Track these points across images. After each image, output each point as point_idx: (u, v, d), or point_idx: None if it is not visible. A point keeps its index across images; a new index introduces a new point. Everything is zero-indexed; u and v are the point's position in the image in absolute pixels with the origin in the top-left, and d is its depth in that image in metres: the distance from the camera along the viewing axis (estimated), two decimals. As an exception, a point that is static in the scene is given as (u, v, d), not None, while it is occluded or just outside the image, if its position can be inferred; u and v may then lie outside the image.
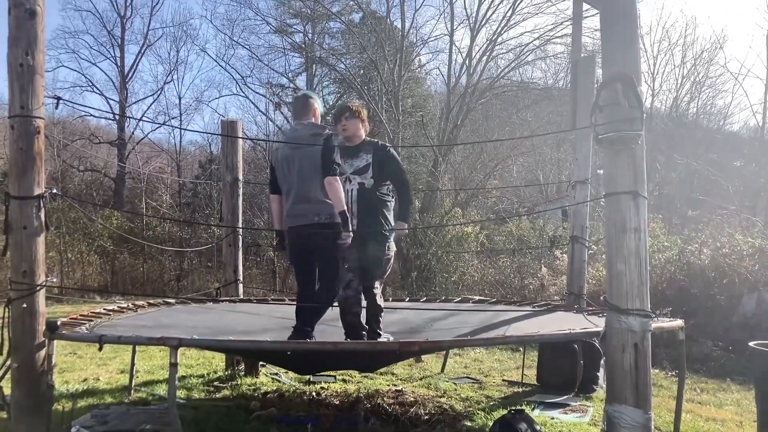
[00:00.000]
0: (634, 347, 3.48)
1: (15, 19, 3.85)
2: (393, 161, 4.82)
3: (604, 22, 3.86)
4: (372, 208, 4.64)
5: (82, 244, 17.65)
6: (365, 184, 4.66)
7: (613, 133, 3.54)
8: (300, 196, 4.42)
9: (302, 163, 4.41)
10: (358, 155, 4.74)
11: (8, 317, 3.95)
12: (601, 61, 3.91)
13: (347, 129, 4.76)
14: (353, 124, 4.77)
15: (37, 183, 3.95)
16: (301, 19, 25.74)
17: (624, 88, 3.57)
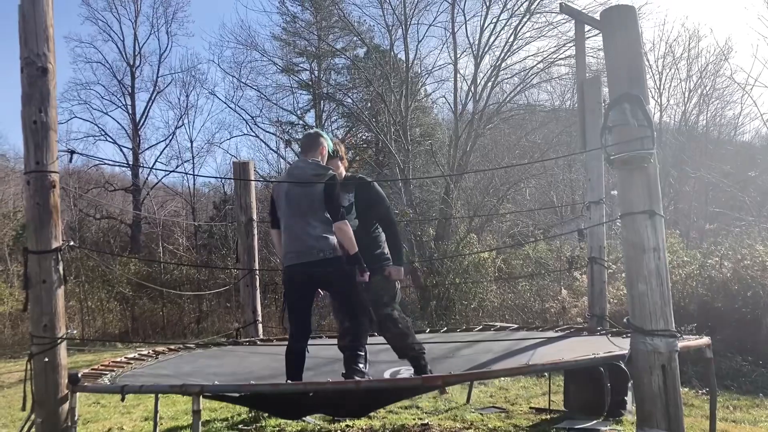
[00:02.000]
0: (662, 369, 3.42)
1: (27, 77, 3.93)
2: (374, 195, 4.67)
3: (607, 43, 3.88)
4: (362, 247, 4.34)
5: (101, 291, 17.75)
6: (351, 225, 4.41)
7: (625, 153, 3.54)
8: (299, 233, 4.27)
9: (300, 200, 4.31)
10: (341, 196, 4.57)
11: (31, 371, 3.95)
12: (607, 82, 3.92)
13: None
14: (332, 163, 4.62)
15: (54, 236, 3.99)
16: (306, 57, 26.09)
17: (632, 108, 3.57)
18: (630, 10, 3.90)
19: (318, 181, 4.28)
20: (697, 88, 19.07)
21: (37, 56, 3.93)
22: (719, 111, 20.04)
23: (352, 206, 4.59)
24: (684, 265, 10.18)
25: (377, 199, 4.66)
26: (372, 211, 4.61)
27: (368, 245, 4.50)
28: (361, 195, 4.61)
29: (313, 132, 4.77)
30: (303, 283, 4.32)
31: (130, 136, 27.23)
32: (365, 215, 4.60)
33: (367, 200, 4.60)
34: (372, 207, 4.61)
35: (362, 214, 4.59)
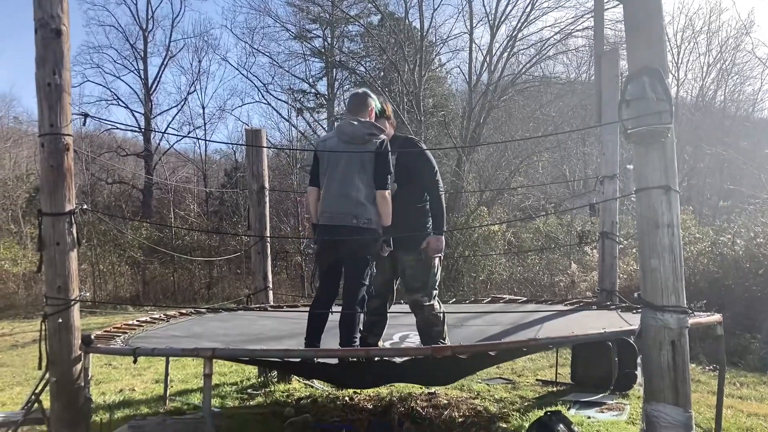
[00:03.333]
0: (671, 344, 3.41)
1: (42, 39, 3.91)
2: (422, 162, 4.42)
3: (628, 13, 3.80)
4: (400, 215, 4.24)
5: (113, 255, 17.92)
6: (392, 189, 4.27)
7: (642, 127, 3.48)
8: (340, 193, 4.15)
9: (350, 160, 4.15)
10: None
11: (45, 332, 4.01)
12: (626, 54, 3.85)
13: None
14: (379, 123, 4.44)
15: (67, 199, 4.01)
16: (320, 24, 25.84)
17: (651, 81, 3.50)
18: (652, -19, 3.81)
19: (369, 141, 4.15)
20: (716, 62, 18.82)
21: (51, 18, 3.91)
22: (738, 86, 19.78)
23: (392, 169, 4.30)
24: (696, 242, 10.13)
25: (424, 165, 4.40)
26: (417, 176, 4.38)
27: (410, 211, 4.35)
28: (409, 159, 4.36)
29: (361, 92, 4.52)
30: (334, 246, 4.19)
31: (142, 101, 27.24)
32: (408, 179, 4.35)
33: (410, 163, 4.35)
34: (418, 172, 4.37)
35: (402, 177, 4.32)
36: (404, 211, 4.28)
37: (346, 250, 4.17)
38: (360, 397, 5.76)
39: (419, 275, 4.36)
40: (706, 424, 4.73)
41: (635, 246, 9.72)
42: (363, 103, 4.39)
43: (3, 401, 6.02)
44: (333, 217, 4.17)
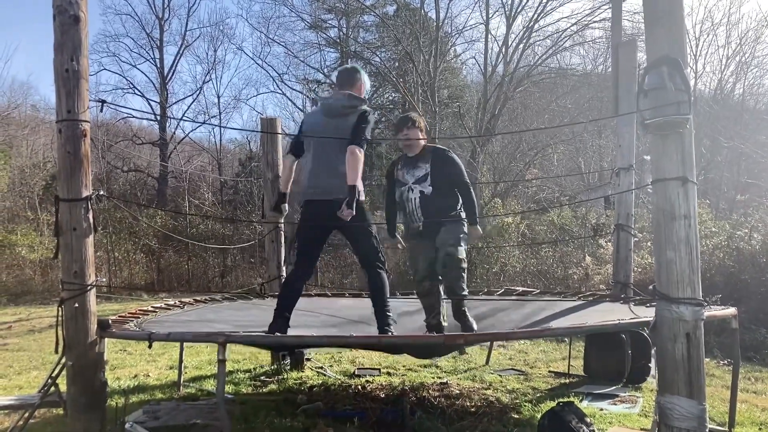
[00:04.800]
0: (686, 337, 3.39)
1: (60, 25, 3.93)
2: (451, 165, 4.92)
3: (648, 3, 3.76)
4: (434, 213, 4.78)
5: (128, 243, 18.08)
6: (425, 192, 4.83)
7: (660, 117, 3.44)
8: (326, 169, 4.26)
9: (331, 134, 4.24)
10: (418, 165, 4.91)
11: (62, 317, 4.05)
12: (645, 44, 3.81)
13: (409, 137, 4.90)
14: (414, 134, 4.89)
15: (84, 185, 4.04)
16: (335, 14, 25.79)
17: (670, 71, 3.47)
18: (673, -30, 3.76)
19: (348, 112, 4.25)
20: (735, 55, 18.56)
21: (69, 4, 3.92)
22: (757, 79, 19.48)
23: (427, 175, 4.83)
24: (712, 236, 10.04)
25: (454, 170, 4.91)
26: (448, 179, 4.86)
27: (443, 208, 4.83)
28: (437, 165, 4.85)
29: (350, 66, 4.66)
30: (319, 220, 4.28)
31: (158, 90, 27.38)
32: (440, 182, 4.83)
33: (443, 170, 4.85)
34: (449, 176, 4.86)
35: (436, 181, 4.82)
36: (441, 207, 4.82)
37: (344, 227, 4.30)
38: (372, 386, 5.79)
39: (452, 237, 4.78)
40: (720, 417, 4.70)
41: (650, 239, 9.65)
42: (351, 78, 4.51)
43: (20, 385, 6.10)
44: (320, 192, 4.26)
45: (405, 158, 4.99)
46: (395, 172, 5.06)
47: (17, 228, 17.29)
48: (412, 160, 4.94)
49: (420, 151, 4.93)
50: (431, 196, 4.82)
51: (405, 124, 4.93)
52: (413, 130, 4.90)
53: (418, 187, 4.86)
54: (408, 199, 4.88)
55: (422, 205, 4.84)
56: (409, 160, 4.95)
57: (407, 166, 4.95)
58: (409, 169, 4.93)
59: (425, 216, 4.82)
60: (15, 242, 16.54)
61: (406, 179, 4.92)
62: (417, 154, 4.93)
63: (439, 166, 4.86)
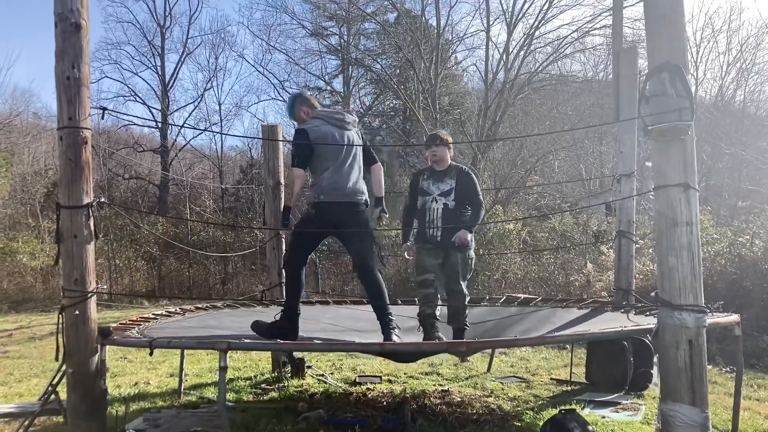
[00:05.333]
0: (689, 344, 3.38)
1: (61, 33, 3.94)
2: (472, 185, 5.35)
3: (649, 8, 3.76)
4: (453, 224, 5.17)
5: (129, 250, 18.05)
6: (448, 205, 5.22)
7: (662, 124, 3.45)
8: (354, 175, 4.76)
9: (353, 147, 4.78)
10: (444, 179, 5.29)
11: (62, 324, 4.04)
12: (647, 50, 3.81)
13: (436, 155, 5.31)
14: (442, 151, 5.32)
15: (85, 192, 4.04)
16: (336, 21, 25.85)
17: (671, 78, 3.47)
18: (674, -23, 3.77)
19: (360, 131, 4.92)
20: (735, 61, 18.58)
21: (70, 12, 3.94)
22: (758, 86, 19.51)
23: (452, 190, 5.24)
24: (713, 243, 10.02)
25: (474, 188, 5.34)
26: (468, 196, 5.27)
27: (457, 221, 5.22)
28: (461, 182, 5.28)
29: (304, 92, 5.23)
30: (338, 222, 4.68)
31: (160, 97, 27.41)
32: (462, 198, 5.25)
33: (466, 187, 5.29)
34: (469, 193, 5.28)
35: (459, 196, 5.24)
36: (460, 221, 5.21)
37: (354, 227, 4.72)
38: (373, 394, 5.76)
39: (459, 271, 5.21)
40: (723, 425, 4.68)
41: (652, 246, 9.63)
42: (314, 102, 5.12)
43: (20, 392, 6.08)
44: (347, 194, 4.71)
45: (432, 171, 5.38)
46: (420, 181, 5.40)
47: (18, 235, 17.29)
48: (439, 173, 5.33)
49: (446, 166, 5.36)
50: (453, 210, 5.21)
51: (434, 141, 5.35)
52: (441, 147, 5.33)
53: (442, 199, 5.25)
54: (430, 209, 5.24)
55: (444, 216, 5.21)
56: (436, 174, 5.35)
57: (433, 178, 5.33)
58: (435, 181, 5.32)
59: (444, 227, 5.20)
60: (16, 249, 16.53)
61: (431, 190, 5.29)
62: (444, 169, 5.34)
63: (463, 183, 5.28)
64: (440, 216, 5.22)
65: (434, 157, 5.34)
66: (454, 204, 5.23)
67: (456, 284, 5.19)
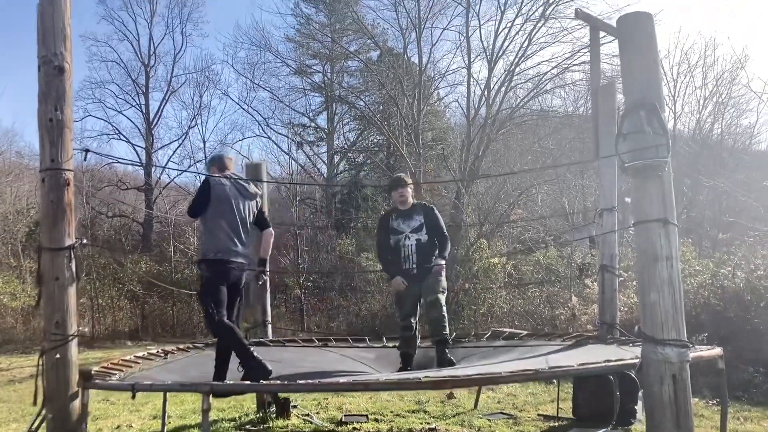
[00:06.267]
0: (673, 379, 3.39)
1: (44, 76, 3.96)
2: (437, 220, 5.85)
3: (623, 50, 3.86)
4: (427, 256, 5.71)
5: (112, 289, 17.86)
6: (421, 239, 5.73)
7: (640, 161, 3.52)
8: (244, 240, 5.06)
9: (248, 212, 5.11)
10: (412, 217, 5.79)
11: (42, 367, 3.98)
12: (623, 89, 3.90)
13: (404, 195, 5.82)
14: (407, 192, 5.84)
15: (68, 234, 4.02)
16: (320, 59, 26.18)
17: (648, 116, 3.55)
18: (647, 17, 3.88)
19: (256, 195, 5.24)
20: (712, 95, 18.93)
21: (54, 55, 3.97)
22: (735, 119, 19.85)
23: (422, 225, 5.74)
24: (696, 274, 10.10)
25: (439, 220, 5.88)
26: (435, 228, 5.80)
27: (430, 253, 5.75)
28: (428, 217, 5.79)
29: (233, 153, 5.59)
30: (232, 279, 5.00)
31: (144, 136, 27.42)
32: (432, 231, 5.76)
33: (433, 221, 5.81)
34: (436, 226, 5.81)
35: (429, 230, 5.75)
36: (428, 253, 5.73)
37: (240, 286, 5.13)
38: (360, 433, 5.70)
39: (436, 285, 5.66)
40: (711, 459, 4.66)
41: (635, 278, 9.69)
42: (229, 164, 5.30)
43: (-2, 438, 5.95)
44: (242, 256, 5.03)
45: (398, 211, 5.85)
46: (390, 222, 5.85)
47: (-1, 275, 17.07)
48: (407, 212, 5.81)
49: (410, 205, 5.85)
50: (427, 243, 5.72)
51: (399, 184, 5.85)
52: (406, 189, 5.84)
53: (414, 235, 5.72)
54: (404, 245, 5.72)
55: (418, 251, 5.69)
56: (403, 213, 5.82)
57: (402, 217, 5.80)
58: (404, 219, 5.78)
59: (420, 259, 5.68)
60: (-4, 290, 16.30)
61: (402, 228, 5.76)
62: (408, 207, 5.83)
63: (430, 217, 5.79)
64: (415, 251, 5.70)
65: (402, 197, 5.82)
66: (427, 238, 5.73)
67: (431, 294, 5.58)
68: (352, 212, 23.61)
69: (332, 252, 19.64)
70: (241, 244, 5.01)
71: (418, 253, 5.69)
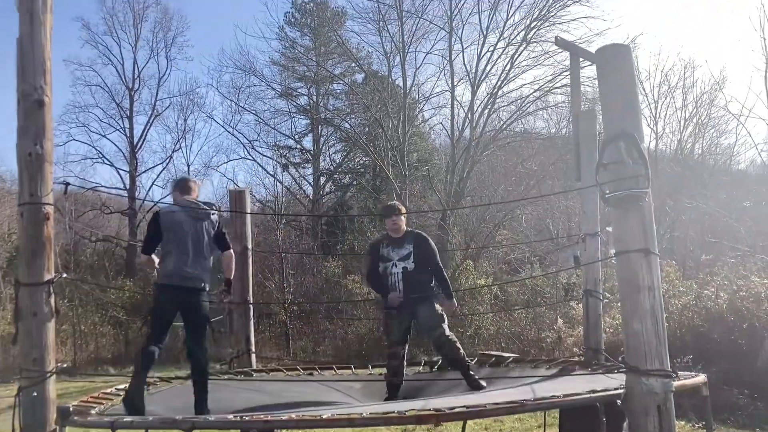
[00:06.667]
0: (657, 410, 3.39)
1: (24, 110, 3.91)
2: (431, 250, 5.81)
3: (602, 81, 3.91)
4: (414, 284, 5.62)
5: (95, 315, 17.65)
6: (408, 267, 5.65)
7: (620, 191, 3.53)
8: (196, 262, 4.95)
9: (200, 234, 5.02)
10: (403, 245, 5.73)
11: (19, 406, 3.89)
12: (602, 120, 3.94)
13: (396, 224, 5.75)
14: (400, 220, 5.77)
15: (46, 268, 3.94)
16: (305, 82, 26.26)
17: (627, 146, 3.58)
18: (624, 49, 3.93)
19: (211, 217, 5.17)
20: (692, 117, 19.19)
21: (34, 89, 3.92)
22: (714, 140, 20.14)
23: (411, 254, 5.67)
24: (680, 296, 10.15)
25: (431, 251, 5.81)
26: (426, 259, 5.73)
27: (422, 281, 5.70)
28: (419, 247, 5.73)
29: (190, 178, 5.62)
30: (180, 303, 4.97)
31: (128, 159, 27.27)
32: (421, 261, 5.69)
33: (423, 251, 5.75)
34: (427, 257, 5.74)
35: (418, 259, 5.67)
36: (420, 281, 5.68)
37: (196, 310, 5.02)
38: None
39: (434, 319, 5.64)
40: (698, 487, 4.65)
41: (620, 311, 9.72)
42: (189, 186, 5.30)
43: (-26, 476, 5.80)
44: (188, 280, 4.94)
45: (390, 238, 5.81)
46: (381, 249, 5.80)
47: (-22, 302, 16.82)
48: (398, 240, 5.76)
49: (402, 233, 5.78)
50: (413, 272, 5.64)
51: (393, 212, 5.81)
52: (399, 218, 5.78)
53: (401, 263, 5.67)
54: (391, 273, 5.66)
55: (404, 279, 5.62)
56: (394, 240, 5.77)
57: (392, 245, 5.75)
58: (395, 247, 5.73)
59: (406, 288, 5.60)
60: (-25, 317, 16.05)
61: (391, 256, 5.71)
62: (401, 236, 5.76)
63: (422, 248, 5.73)
64: (401, 279, 5.65)
65: (394, 225, 5.76)
66: (414, 266, 5.65)
67: (435, 330, 5.57)
68: (339, 234, 23.58)
69: (318, 275, 19.57)
70: (193, 267, 4.95)
71: (404, 281, 5.64)
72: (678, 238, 17.45)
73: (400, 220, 5.80)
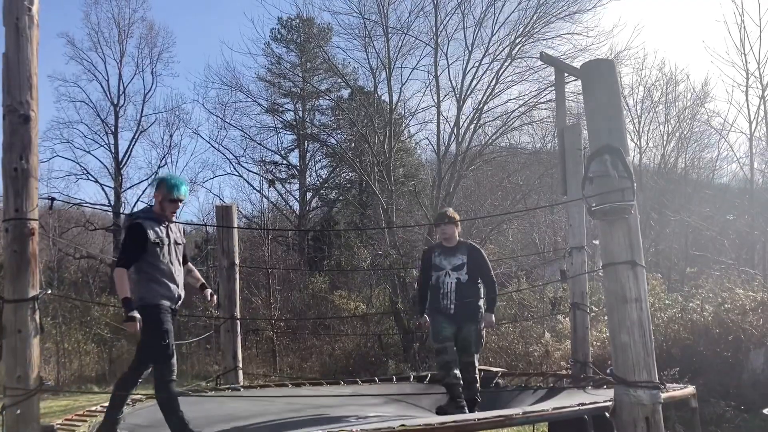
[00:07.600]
0: (646, 421, 3.40)
1: (9, 125, 3.89)
2: (484, 262, 5.76)
3: (587, 96, 3.95)
4: (466, 297, 5.58)
5: (78, 333, 17.44)
6: (461, 279, 5.60)
7: (606, 204, 3.57)
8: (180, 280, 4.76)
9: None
10: (456, 254, 5.67)
11: (2, 424, 3.84)
12: (587, 134, 3.98)
13: (446, 232, 5.70)
14: (450, 228, 5.71)
15: (31, 285, 3.91)
16: (291, 98, 26.31)
17: (612, 159, 3.62)
18: (609, 64, 3.99)
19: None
20: (675, 131, 19.39)
21: (19, 104, 3.90)
22: (697, 154, 20.32)
23: (464, 265, 5.62)
24: (666, 309, 10.21)
25: (486, 265, 5.77)
26: (480, 271, 5.70)
27: (473, 295, 5.64)
28: (473, 258, 5.68)
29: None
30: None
31: (113, 176, 27.11)
32: (473, 272, 5.64)
33: (478, 264, 5.70)
34: (482, 269, 5.71)
35: (471, 271, 5.63)
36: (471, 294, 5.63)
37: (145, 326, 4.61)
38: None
39: (474, 345, 5.69)
40: (686, 499, 4.66)
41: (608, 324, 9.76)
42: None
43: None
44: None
45: (442, 247, 5.75)
46: (433, 257, 5.75)
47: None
48: (450, 249, 5.70)
49: (456, 242, 5.73)
50: (467, 284, 5.60)
51: (443, 220, 5.76)
52: (450, 226, 5.71)
53: (455, 273, 5.61)
54: (444, 283, 5.61)
55: (457, 290, 5.57)
56: (447, 249, 5.71)
57: (444, 254, 5.69)
58: (447, 256, 5.67)
59: (458, 299, 5.56)
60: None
61: (443, 265, 5.65)
62: (454, 245, 5.71)
63: (475, 259, 5.69)
64: (454, 290, 5.57)
65: (444, 234, 5.71)
66: (467, 278, 5.59)
67: (469, 356, 5.60)
68: (325, 249, 23.53)
69: (305, 290, 19.49)
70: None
71: (457, 291, 5.58)
72: (662, 252, 17.57)
73: (451, 229, 5.71)
